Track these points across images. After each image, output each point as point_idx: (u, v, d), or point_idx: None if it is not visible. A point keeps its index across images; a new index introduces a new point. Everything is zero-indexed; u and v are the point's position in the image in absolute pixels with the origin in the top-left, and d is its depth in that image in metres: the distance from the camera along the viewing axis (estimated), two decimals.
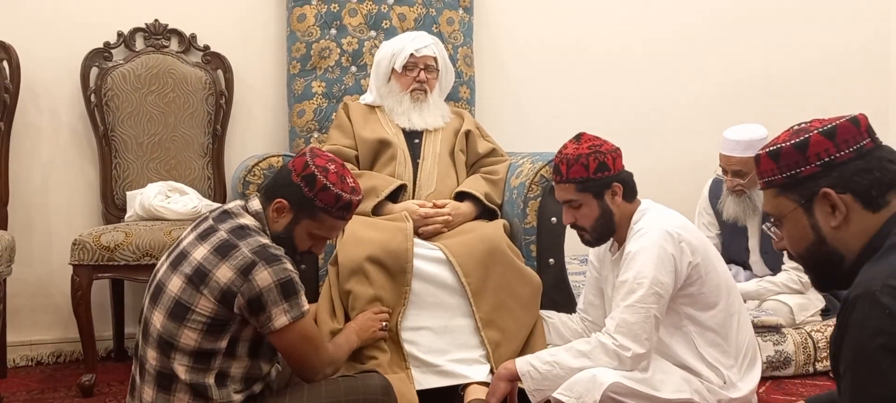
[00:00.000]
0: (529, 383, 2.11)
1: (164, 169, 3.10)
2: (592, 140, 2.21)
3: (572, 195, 2.20)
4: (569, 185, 2.20)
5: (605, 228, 2.22)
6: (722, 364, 2.19)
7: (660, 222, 2.14)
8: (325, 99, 3.20)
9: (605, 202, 2.19)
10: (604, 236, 2.25)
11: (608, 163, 2.18)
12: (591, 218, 2.21)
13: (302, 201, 1.94)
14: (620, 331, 2.07)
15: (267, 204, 1.96)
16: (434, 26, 3.30)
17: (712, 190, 3.22)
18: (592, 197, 2.19)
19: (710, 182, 3.25)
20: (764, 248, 3.08)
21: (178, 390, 1.85)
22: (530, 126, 3.62)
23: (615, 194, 2.20)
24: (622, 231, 2.22)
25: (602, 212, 2.20)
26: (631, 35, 3.77)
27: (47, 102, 3.14)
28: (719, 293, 2.20)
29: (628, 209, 2.22)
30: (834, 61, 3.97)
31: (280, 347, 1.91)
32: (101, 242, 2.66)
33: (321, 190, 1.93)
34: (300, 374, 2.00)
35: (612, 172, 2.19)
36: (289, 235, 1.96)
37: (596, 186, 2.18)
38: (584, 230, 2.24)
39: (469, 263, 2.45)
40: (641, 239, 2.12)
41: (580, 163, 2.17)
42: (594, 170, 2.16)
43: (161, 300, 1.87)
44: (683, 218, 2.22)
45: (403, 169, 2.79)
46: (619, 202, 2.21)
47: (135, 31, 3.18)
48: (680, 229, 2.15)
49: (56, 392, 2.79)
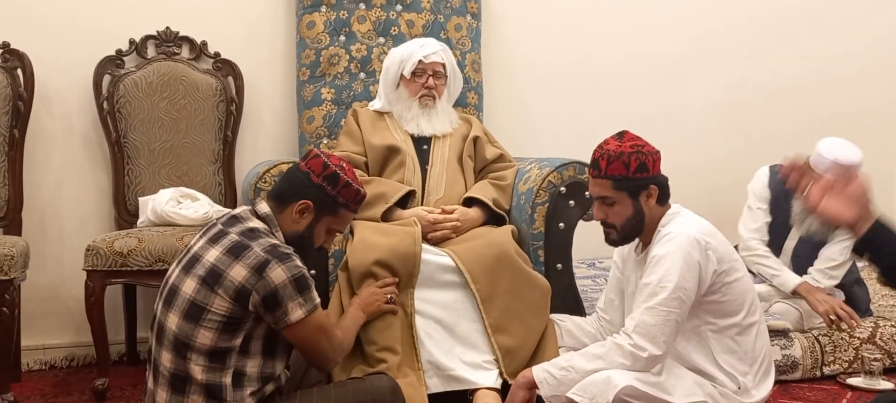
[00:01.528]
0: (546, 389, 2.12)
1: (176, 175, 3.14)
2: (635, 139, 2.20)
3: (608, 192, 2.19)
4: (606, 181, 2.19)
5: (635, 228, 2.22)
6: (737, 370, 2.19)
7: (688, 228, 2.15)
8: (335, 105, 3.23)
9: (639, 202, 2.19)
10: (631, 236, 2.25)
11: (648, 164, 2.17)
12: (622, 216, 2.20)
13: (324, 199, 2.04)
14: (639, 332, 2.07)
15: (283, 207, 2.03)
16: (442, 32, 3.33)
17: (775, 183, 3.07)
18: (628, 196, 2.18)
19: (769, 174, 3.14)
20: (797, 252, 3.07)
21: (192, 391, 1.88)
22: (538, 132, 3.64)
23: (650, 196, 2.19)
24: (649, 232, 2.22)
25: (635, 212, 2.19)
26: (638, 41, 3.79)
27: (60, 109, 3.17)
28: (743, 302, 2.20)
29: (659, 212, 2.22)
30: (841, 66, 3.98)
31: (296, 340, 1.95)
32: (115, 248, 2.70)
33: (344, 187, 2.04)
34: (315, 364, 2.06)
35: (651, 174, 2.18)
36: (310, 233, 2.04)
37: (633, 186, 2.17)
38: (613, 228, 2.23)
39: (477, 269, 2.47)
40: (668, 244, 2.12)
41: (621, 161, 2.16)
42: (634, 170, 2.16)
43: (175, 302, 1.91)
44: (711, 226, 2.22)
45: (412, 175, 2.82)
46: (653, 205, 2.21)
47: (146, 38, 3.21)
48: (708, 237, 2.15)
49: (70, 396, 2.82)
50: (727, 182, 3.78)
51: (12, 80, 2.98)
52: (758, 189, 3.14)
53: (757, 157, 3.82)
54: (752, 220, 3.12)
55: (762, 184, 3.14)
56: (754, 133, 3.89)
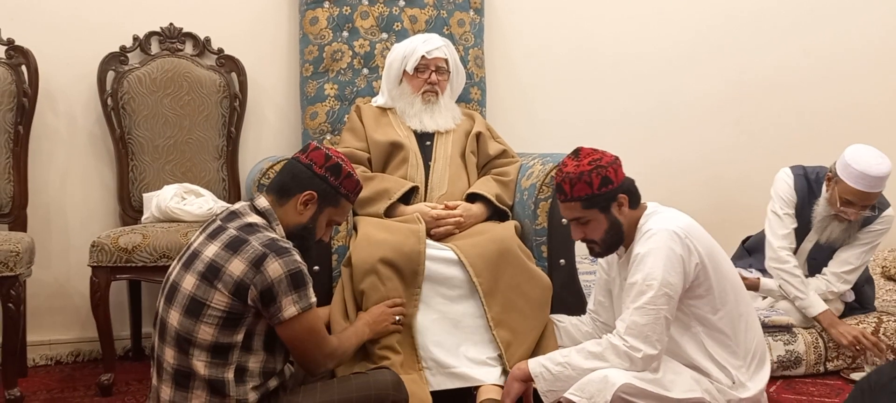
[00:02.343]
0: (542, 384, 2.13)
1: (180, 171, 3.15)
2: (591, 154, 2.19)
3: (579, 212, 2.20)
4: (574, 204, 2.19)
5: (615, 239, 2.23)
6: (731, 364, 2.21)
7: (666, 223, 2.16)
8: (338, 101, 3.24)
9: (612, 214, 2.19)
10: (614, 246, 2.26)
11: (610, 176, 2.17)
12: (600, 231, 2.21)
13: (328, 190, 2.06)
14: (631, 333, 2.08)
15: (285, 200, 2.04)
16: (445, 28, 3.33)
17: (801, 187, 3.01)
18: (599, 211, 2.18)
19: (794, 177, 3.03)
20: (813, 255, 3.04)
21: (196, 387, 1.90)
22: (541, 127, 3.64)
23: (621, 205, 2.20)
24: (630, 235, 2.24)
25: (610, 225, 2.20)
26: (641, 37, 3.78)
27: (65, 106, 3.18)
28: (726, 295, 2.21)
29: (634, 215, 2.23)
30: (844, 60, 3.96)
31: (286, 338, 1.95)
32: (119, 244, 2.71)
33: (346, 177, 2.08)
34: (303, 366, 2.06)
35: (616, 184, 2.18)
36: (313, 225, 2.06)
37: (602, 201, 2.17)
38: (595, 243, 2.25)
39: (481, 264, 2.48)
40: (649, 241, 2.13)
41: (583, 181, 2.15)
42: (598, 186, 2.15)
43: (176, 299, 1.92)
44: (689, 219, 2.23)
45: (415, 171, 2.82)
46: (626, 211, 2.21)
47: (150, 34, 3.22)
48: (687, 229, 2.16)
49: (75, 391, 2.84)
50: (729, 174, 3.79)
51: (17, 77, 2.99)
52: (784, 193, 3.03)
53: (759, 150, 3.84)
54: (780, 227, 3.00)
55: (788, 188, 3.03)
56: (756, 126, 3.89)
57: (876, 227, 2.94)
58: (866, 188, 2.77)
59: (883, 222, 2.94)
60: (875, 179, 2.75)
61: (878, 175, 2.74)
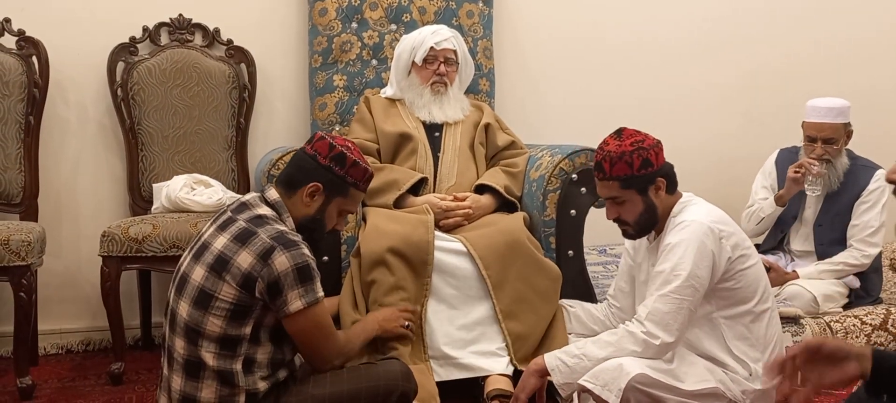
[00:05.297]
0: (558, 377, 2.12)
1: (190, 161, 3.16)
2: (634, 135, 2.18)
3: (616, 192, 2.19)
4: (612, 182, 2.18)
5: (649, 222, 2.22)
6: (749, 356, 2.19)
7: (701, 216, 2.14)
8: (347, 92, 3.24)
9: (649, 197, 2.18)
10: (646, 229, 2.25)
11: (651, 158, 2.16)
12: (635, 213, 2.20)
13: (334, 180, 2.04)
14: (651, 319, 2.08)
15: (292, 192, 2.04)
16: (454, 19, 3.33)
17: (781, 159, 3.26)
18: (636, 193, 2.17)
19: (777, 152, 3.31)
20: (819, 221, 3.10)
21: (206, 377, 1.91)
22: (550, 118, 3.63)
23: (659, 189, 2.19)
24: (662, 221, 2.22)
25: (646, 207, 2.19)
26: (650, 26, 3.77)
27: (75, 97, 3.20)
28: (756, 289, 2.20)
29: (670, 201, 2.22)
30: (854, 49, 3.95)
31: (293, 332, 1.95)
32: (130, 234, 2.72)
33: (352, 166, 2.05)
34: (310, 361, 2.05)
35: (656, 167, 2.17)
36: (321, 216, 2.05)
37: (640, 183, 2.16)
38: (628, 224, 2.23)
39: (489, 255, 2.48)
40: (682, 232, 2.12)
41: (624, 161, 2.15)
42: (638, 167, 2.15)
43: (186, 290, 1.93)
44: (723, 213, 2.21)
45: (424, 162, 2.83)
46: (662, 196, 2.20)
47: (160, 25, 3.23)
48: (721, 224, 2.15)
49: (86, 380, 2.86)
50: (740, 165, 3.77)
51: (27, 68, 3.01)
52: (766, 167, 3.33)
53: (770, 140, 3.81)
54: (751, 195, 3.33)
55: (769, 162, 3.31)
56: (768, 115, 3.87)
57: (873, 186, 3.08)
58: (817, 118, 3.06)
59: (878, 180, 3.08)
60: (823, 110, 3.03)
61: (825, 106, 3.03)
